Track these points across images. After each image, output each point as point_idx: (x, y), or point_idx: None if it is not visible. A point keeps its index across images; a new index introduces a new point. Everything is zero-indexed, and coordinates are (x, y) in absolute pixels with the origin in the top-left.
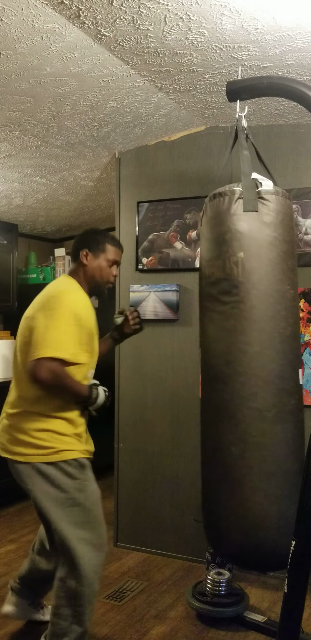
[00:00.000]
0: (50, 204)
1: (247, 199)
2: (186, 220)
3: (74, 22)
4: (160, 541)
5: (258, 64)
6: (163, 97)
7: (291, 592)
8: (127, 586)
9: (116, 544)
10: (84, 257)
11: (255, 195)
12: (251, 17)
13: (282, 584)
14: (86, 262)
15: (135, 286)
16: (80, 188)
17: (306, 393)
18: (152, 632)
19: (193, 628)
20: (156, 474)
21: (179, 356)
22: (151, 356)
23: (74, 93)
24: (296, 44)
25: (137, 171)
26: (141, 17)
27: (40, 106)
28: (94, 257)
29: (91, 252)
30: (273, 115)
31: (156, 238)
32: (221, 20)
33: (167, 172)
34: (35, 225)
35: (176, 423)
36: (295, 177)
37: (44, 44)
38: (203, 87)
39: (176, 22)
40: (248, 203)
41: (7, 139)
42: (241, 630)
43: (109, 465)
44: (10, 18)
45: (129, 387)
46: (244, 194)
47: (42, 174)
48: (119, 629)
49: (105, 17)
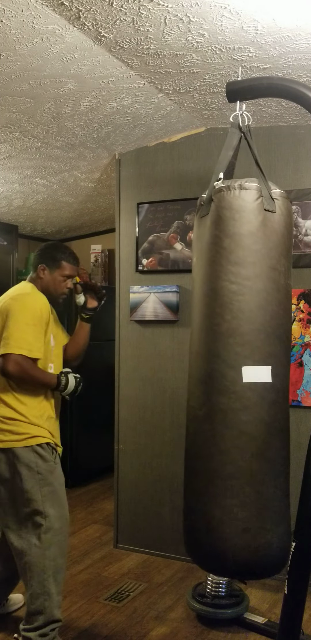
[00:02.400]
0: (50, 205)
1: (203, 204)
2: (186, 221)
3: (74, 23)
4: (160, 542)
5: (258, 66)
6: (163, 98)
7: (291, 594)
8: (127, 587)
9: (116, 545)
10: (42, 271)
11: (209, 199)
12: (251, 19)
13: (282, 585)
14: (42, 276)
15: (135, 287)
16: (80, 189)
17: (306, 394)
18: (152, 634)
19: (193, 629)
20: (156, 475)
21: (180, 357)
22: (151, 357)
23: (74, 94)
24: (296, 46)
25: (137, 172)
26: (141, 18)
27: (41, 107)
28: (50, 272)
29: (48, 268)
30: (273, 116)
31: (156, 239)
32: (221, 22)
33: (167, 174)
34: (36, 227)
35: (176, 424)
36: (295, 178)
37: (44, 46)
38: (203, 89)
39: (176, 24)
40: (202, 208)
41: (7, 140)
42: (241, 631)
43: (109, 467)
44: (10, 19)
45: (129, 388)
46: (205, 199)
47: (42, 175)
48: (119, 630)
49: (105, 19)
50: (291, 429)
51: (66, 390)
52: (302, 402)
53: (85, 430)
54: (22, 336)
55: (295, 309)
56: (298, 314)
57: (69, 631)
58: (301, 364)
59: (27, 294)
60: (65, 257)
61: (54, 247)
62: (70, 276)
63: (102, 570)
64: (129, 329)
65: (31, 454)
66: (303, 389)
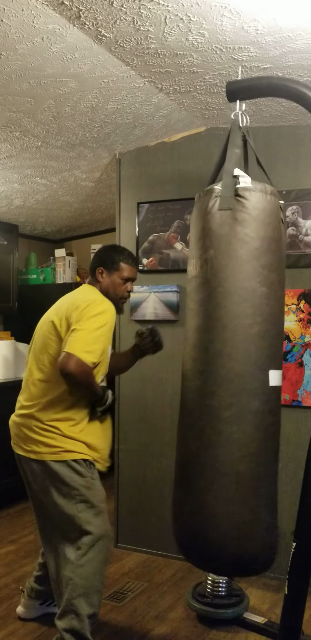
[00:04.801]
0: (50, 204)
1: (223, 197)
2: (187, 221)
3: (75, 23)
4: (160, 542)
5: (258, 65)
6: (163, 98)
7: (292, 594)
8: (127, 587)
9: (116, 545)
10: (100, 274)
11: (231, 193)
12: (252, 19)
13: (283, 585)
14: (101, 280)
15: (135, 287)
16: (80, 189)
17: (307, 394)
18: (152, 633)
19: (193, 629)
20: (156, 474)
21: (180, 357)
22: (151, 357)
23: (74, 94)
24: (296, 45)
25: (137, 172)
26: (141, 18)
27: (41, 107)
28: (108, 275)
29: (106, 270)
30: (273, 116)
31: (156, 239)
32: (222, 22)
33: (167, 173)
34: (36, 226)
35: (176, 424)
36: (295, 178)
37: (45, 45)
38: (203, 88)
39: (176, 23)
40: (224, 201)
41: (7, 140)
42: (241, 631)
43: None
44: (10, 19)
45: (130, 388)
46: (221, 192)
47: (43, 175)
48: (119, 629)
49: (105, 18)
50: (291, 429)
51: (104, 406)
52: (302, 402)
53: None
54: (90, 341)
55: (295, 309)
56: (298, 314)
57: None
58: (302, 364)
59: (102, 301)
60: (123, 258)
61: (111, 248)
62: (129, 279)
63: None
64: (130, 329)
65: (66, 469)
66: (303, 389)
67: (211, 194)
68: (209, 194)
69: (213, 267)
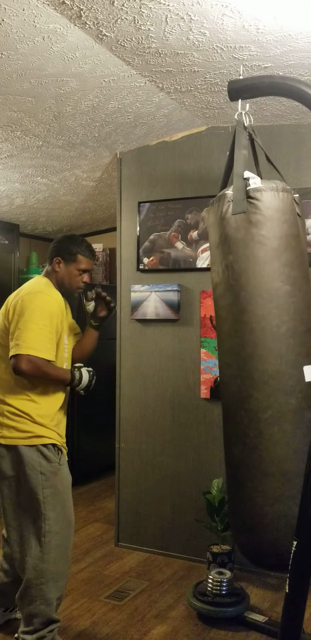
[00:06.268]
0: (51, 204)
1: (235, 201)
2: (187, 220)
3: (76, 22)
4: (161, 541)
5: (259, 64)
6: (164, 97)
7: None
8: (128, 586)
9: (117, 544)
10: (57, 264)
11: (243, 196)
12: (253, 17)
13: (283, 583)
14: (58, 270)
15: (136, 286)
16: (81, 188)
17: None
18: (153, 632)
19: (193, 628)
20: (157, 473)
21: (180, 356)
22: (152, 356)
23: (75, 93)
24: (297, 44)
25: (138, 171)
26: (142, 17)
27: (42, 106)
28: (65, 266)
29: (63, 261)
30: (274, 115)
31: (157, 238)
32: (222, 21)
33: (168, 172)
34: (37, 226)
35: (177, 423)
36: (296, 177)
37: (46, 45)
38: (204, 88)
39: (177, 23)
40: (237, 205)
41: (8, 139)
42: (242, 630)
43: (110, 465)
44: (11, 18)
45: (130, 387)
46: (233, 196)
47: (44, 174)
48: (120, 628)
49: (106, 18)
50: None
51: (80, 385)
52: None
53: (86, 429)
54: (32, 336)
55: None
56: None
57: (69, 630)
58: None
59: (40, 292)
60: (81, 251)
61: (70, 239)
62: (86, 270)
63: (103, 569)
64: (130, 328)
65: (35, 454)
66: None
67: (224, 199)
68: (222, 199)
69: (234, 272)
